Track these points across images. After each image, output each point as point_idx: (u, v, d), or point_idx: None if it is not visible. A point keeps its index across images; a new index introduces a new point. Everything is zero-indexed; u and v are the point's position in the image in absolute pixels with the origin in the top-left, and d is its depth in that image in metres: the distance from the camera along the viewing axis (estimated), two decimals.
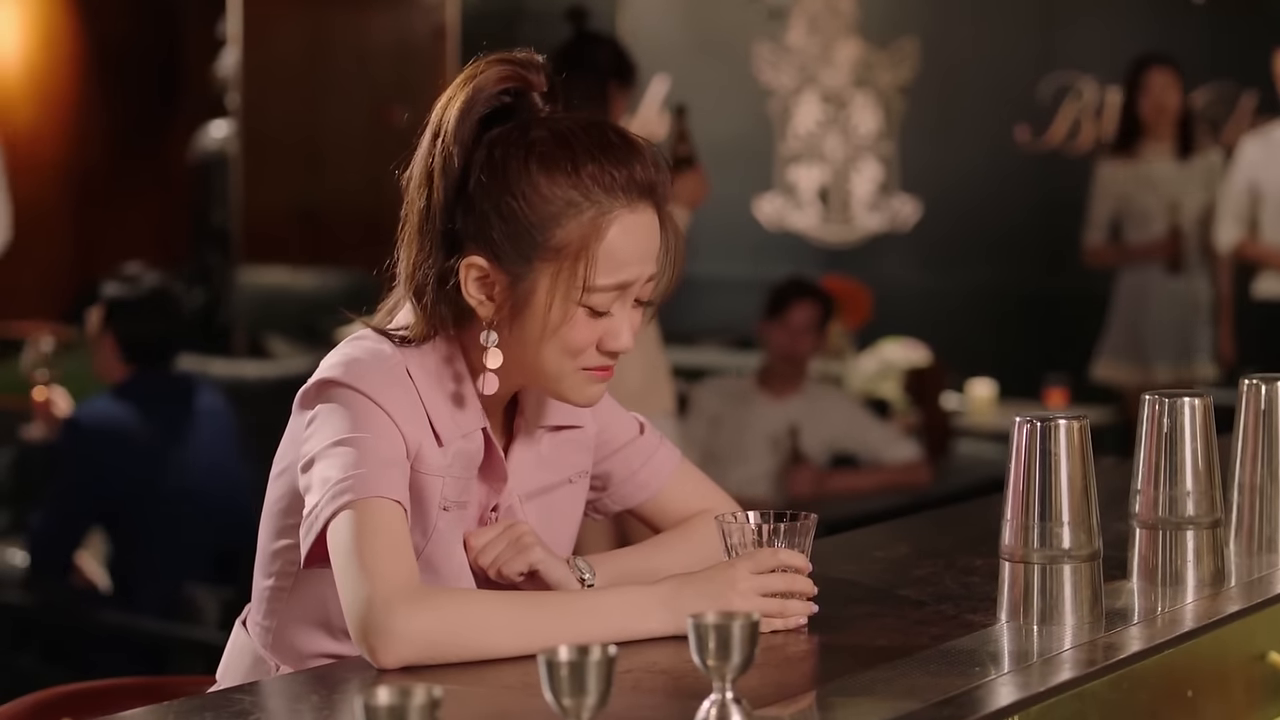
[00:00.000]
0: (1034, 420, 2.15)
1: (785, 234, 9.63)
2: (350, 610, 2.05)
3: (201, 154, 9.31)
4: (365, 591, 2.04)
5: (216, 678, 2.34)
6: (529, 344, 2.20)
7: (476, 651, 2.04)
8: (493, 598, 2.12)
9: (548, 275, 2.17)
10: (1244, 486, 2.57)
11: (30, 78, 9.37)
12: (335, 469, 2.11)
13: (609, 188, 2.17)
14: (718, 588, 2.13)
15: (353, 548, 2.07)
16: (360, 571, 2.05)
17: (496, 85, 2.21)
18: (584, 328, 2.19)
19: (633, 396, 5.10)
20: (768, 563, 2.18)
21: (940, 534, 2.85)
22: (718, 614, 1.72)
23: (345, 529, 2.08)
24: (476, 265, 2.18)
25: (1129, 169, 7.25)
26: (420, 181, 2.22)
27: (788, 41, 9.62)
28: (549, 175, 2.16)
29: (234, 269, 8.96)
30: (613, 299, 2.19)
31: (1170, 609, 2.30)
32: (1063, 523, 2.14)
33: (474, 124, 2.20)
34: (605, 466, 2.42)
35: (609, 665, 1.60)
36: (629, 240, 2.18)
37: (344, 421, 2.14)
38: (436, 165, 2.20)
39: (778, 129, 9.63)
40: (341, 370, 2.18)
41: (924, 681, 1.96)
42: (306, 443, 2.17)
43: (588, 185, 2.17)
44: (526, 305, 2.18)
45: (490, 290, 2.19)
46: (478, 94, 2.20)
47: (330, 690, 2.00)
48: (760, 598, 2.15)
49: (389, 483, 2.11)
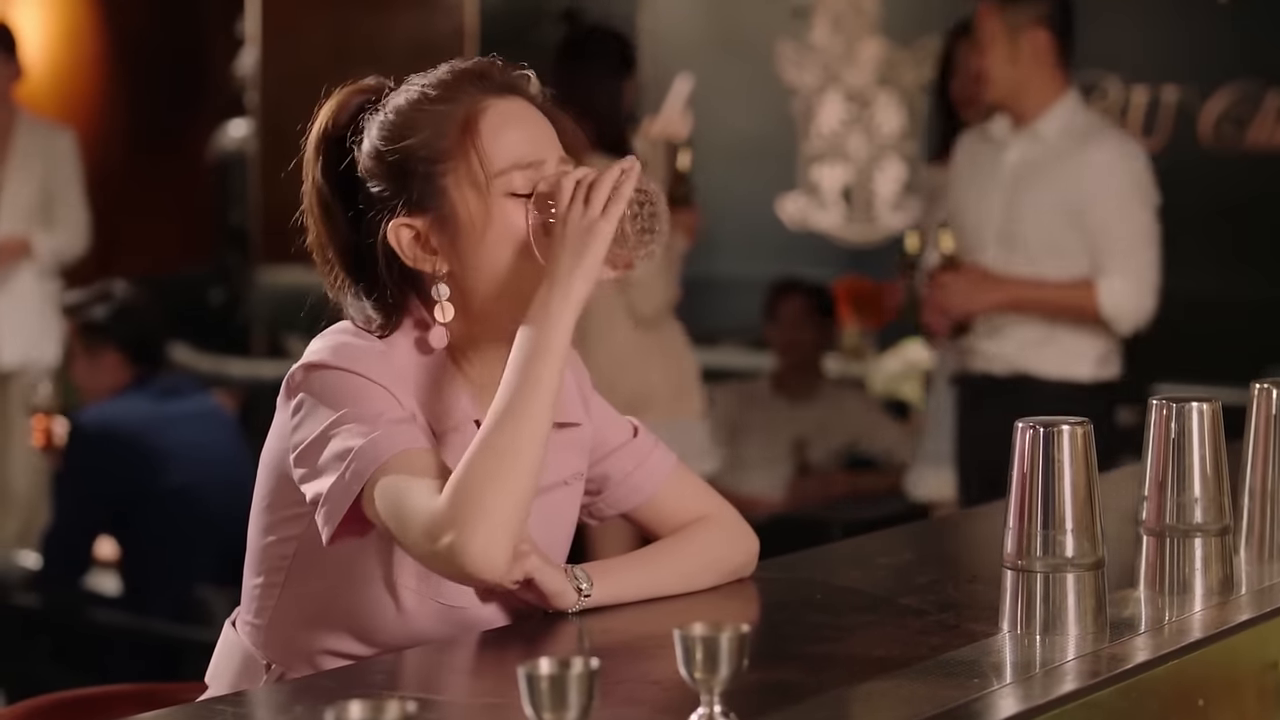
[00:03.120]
0: (1036, 426, 2.11)
1: (808, 234, 9.58)
2: (432, 563, 2.06)
3: (220, 153, 9.31)
4: (421, 530, 2.04)
5: (206, 681, 2.31)
6: (481, 263, 2.20)
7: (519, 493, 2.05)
8: (482, 450, 2.07)
9: (457, 187, 2.20)
10: (1254, 492, 2.52)
11: (53, 76, 9.38)
12: (349, 441, 2.11)
13: (472, 85, 2.23)
14: (574, 238, 2.12)
15: (400, 506, 2.06)
16: (415, 520, 2.05)
17: (346, 103, 2.27)
18: (516, 212, 2.20)
19: (662, 403, 5.07)
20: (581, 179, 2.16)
21: (946, 540, 2.82)
22: (705, 626, 1.68)
23: (388, 494, 2.08)
24: (401, 225, 2.21)
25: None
26: (313, 205, 2.27)
27: (811, 40, 9.58)
28: (415, 106, 2.23)
29: (253, 269, 8.97)
30: (527, 178, 2.20)
31: (1178, 618, 2.26)
32: (1066, 530, 2.10)
33: (342, 130, 2.25)
34: (600, 469, 2.39)
35: (590, 679, 1.57)
36: (511, 120, 2.22)
37: (339, 400, 2.14)
38: (323, 176, 2.25)
39: (801, 128, 9.59)
40: (328, 353, 2.18)
41: (922, 693, 1.93)
42: (297, 431, 2.15)
43: (451, 95, 2.22)
44: (456, 227, 2.20)
45: (426, 243, 2.21)
46: (331, 118, 2.27)
47: (315, 700, 1.96)
48: (615, 204, 2.13)
49: (406, 436, 2.11)
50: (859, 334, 7.79)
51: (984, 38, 4.90)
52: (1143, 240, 4.85)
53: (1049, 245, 4.84)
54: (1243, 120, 8.31)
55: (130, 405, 5.05)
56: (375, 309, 2.24)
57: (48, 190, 6.96)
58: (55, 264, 6.97)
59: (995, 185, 4.92)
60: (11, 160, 6.90)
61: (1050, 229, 4.84)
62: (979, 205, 4.97)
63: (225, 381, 7.62)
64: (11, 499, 6.81)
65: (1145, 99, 7.42)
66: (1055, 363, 4.84)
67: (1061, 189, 4.83)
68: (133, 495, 4.98)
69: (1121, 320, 4.82)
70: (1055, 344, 4.84)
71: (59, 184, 6.97)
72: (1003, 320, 4.87)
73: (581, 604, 2.25)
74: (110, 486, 4.99)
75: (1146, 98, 7.34)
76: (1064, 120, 4.88)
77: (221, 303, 9.20)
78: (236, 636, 2.30)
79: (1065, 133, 4.87)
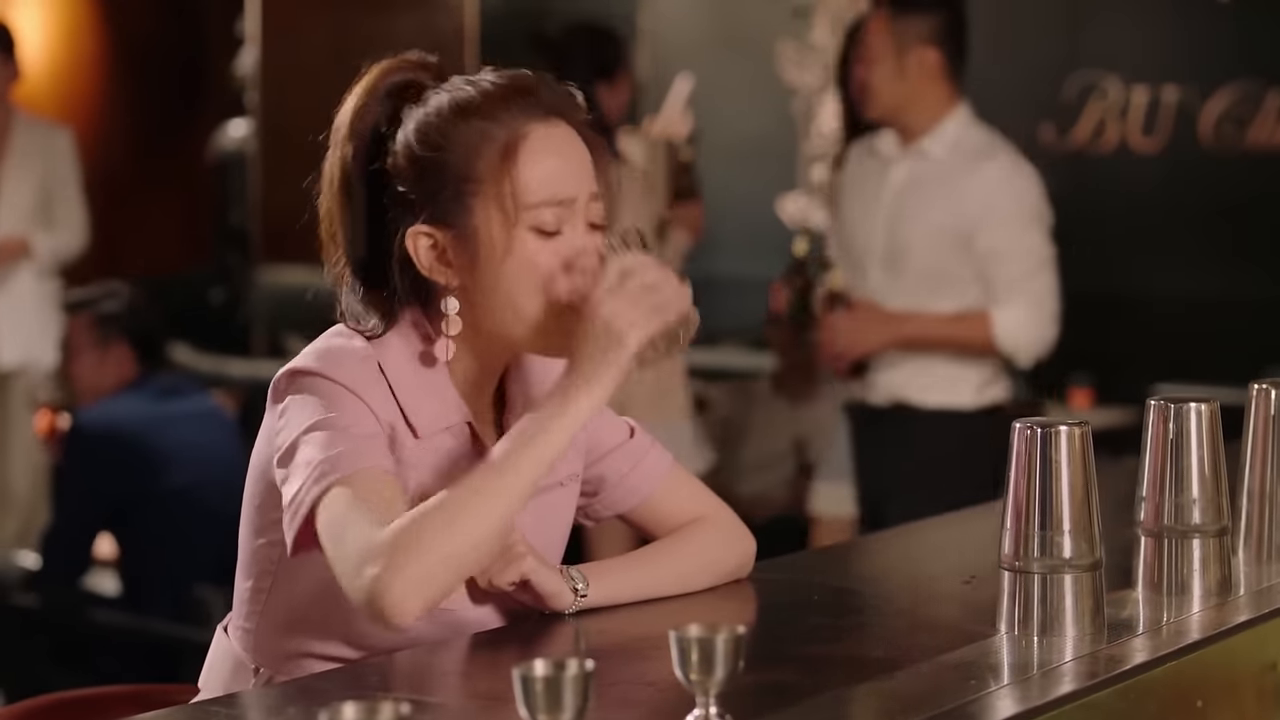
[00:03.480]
0: (1034, 426, 2.10)
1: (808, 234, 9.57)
2: (350, 589, 2.01)
3: (220, 153, 9.30)
4: (353, 563, 2.00)
5: (199, 685, 2.30)
6: (495, 289, 2.17)
7: (468, 559, 2.02)
8: (446, 502, 2.04)
9: (483, 209, 2.16)
10: (1253, 493, 2.51)
11: (52, 76, 9.37)
12: (315, 451, 2.09)
13: (517, 109, 2.18)
14: (604, 339, 2.09)
15: (343, 526, 2.03)
16: (351, 547, 2.01)
17: (384, 80, 2.23)
18: (538, 250, 2.16)
19: (646, 403, 5.06)
20: (624, 273, 2.13)
21: (944, 541, 2.81)
22: (701, 627, 1.67)
23: (333, 508, 2.05)
24: (421, 233, 2.18)
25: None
26: (331, 184, 2.23)
27: (812, 40, 9.56)
28: (458, 115, 2.18)
29: (253, 269, 8.95)
30: (555, 215, 2.17)
31: (1175, 619, 2.25)
32: (1063, 531, 2.09)
33: (375, 117, 2.21)
34: (596, 470, 2.37)
35: (585, 681, 1.56)
36: (549, 152, 2.18)
37: (316, 407, 2.13)
38: (346, 164, 2.21)
39: (801, 128, 9.57)
40: (312, 359, 2.17)
41: (919, 695, 1.92)
42: (280, 434, 2.14)
43: (495, 112, 2.17)
44: (476, 247, 2.17)
45: (442, 254, 2.18)
46: (369, 94, 2.23)
47: (309, 702, 1.95)
48: (650, 317, 2.11)
49: (370, 454, 2.09)
50: None
51: (871, 51, 4.72)
52: (1036, 265, 4.66)
53: (935, 271, 4.62)
54: (1243, 120, 8.29)
55: (131, 405, 5.05)
56: (375, 307, 2.22)
57: (46, 190, 6.95)
58: (54, 264, 6.96)
59: (879, 205, 4.71)
60: (10, 160, 6.90)
61: (936, 253, 4.61)
62: (863, 224, 4.77)
63: (225, 382, 7.61)
64: (11, 499, 6.81)
65: (1145, 99, 7.40)
66: (935, 392, 4.64)
67: (948, 210, 4.60)
68: (133, 495, 4.97)
69: (1020, 353, 4.63)
70: (933, 373, 4.64)
71: (57, 184, 6.97)
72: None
73: (577, 605, 2.24)
74: (110, 485, 4.98)
75: (1146, 98, 7.32)
76: (952, 138, 4.65)
77: (221, 303, 9.19)
78: (228, 641, 2.29)
79: (954, 151, 4.65)
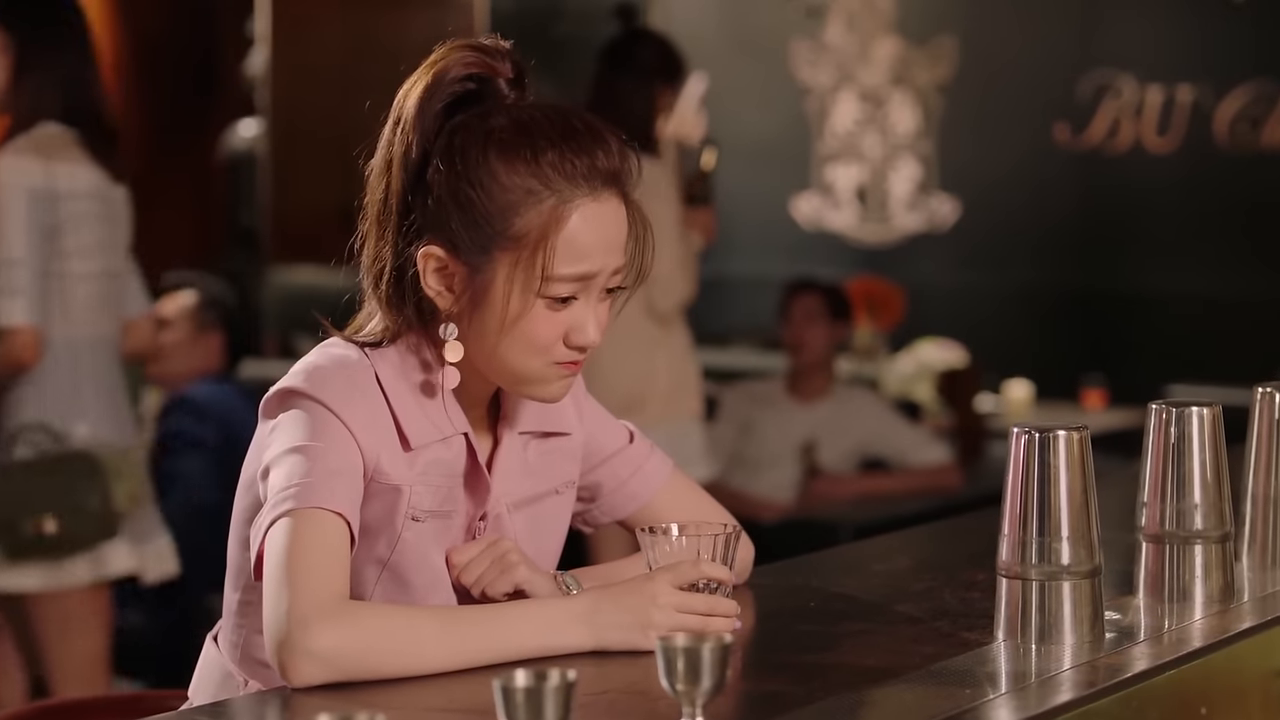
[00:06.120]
0: (1032, 431, 2.07)
1: (822, 234, 9.54)
2: (267, 624, 1.98)
3: (231, 153, 9.30)
4: (284, 606, 1.97)
5: (189, 694, 2.28)
6: (489, 337, 2.13)
7: (389, 671, 1.97)
8: (411, 615, 2.03)
9: (506, 265, 2.10)
10: (1257, 498, 2.48)
11: None
12: (283, 477, 2.05)
13: (570, 176, 2.10)
14: (638, 602, 2.05)
15: (283, 559, 2.00)
16: (283, 585, 1.98)
17: (459, 70, 2.15)
18: (545, 321, 2.12)
19: (660, 400, 5.05)
20: (689, 576, 2.08)
21: (943, 547, 2.78)
22: (688, 636, 1.65)
23: (280, 539, 2.02)
24: (435, 255, 2.12)
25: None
26: (380, 170, 2.17)
27: (825, 39, 9.55)
28: (508, 163, 2.10)
29: (263, 269, 8.95)
30: (574, 290, 2.12)
31: (1177, 626, 2.22)
32: (1061, 538, 2.07)
33: (436, 111, 2.13)
34: (594, 476, 2.34)
35: (567, 692, 1.54)
36: (591, 230, 2.11)
37: (299, 430, 2.09)
38: (396, 153, 2.15)
39: (815, 128, 9.56)
40: (302, 378, 2.13)
41: (915, 703, 1.89)
42: (266, 451, 2.11)
43: (547, 174, 2.10)
44: (485, 297, 2.12)
45: (449, 281, 2.13)
46: (439, 80, 2.14)
47: (293, 712, 1.93)
48: (681, 615, 2.05)
49: (332, 494, 2.04)
50: (872, 334, 7.76)
51: None
52: None
53: None
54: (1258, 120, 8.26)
55: (220, 394, 5.02)
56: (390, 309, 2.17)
57: None
58: None
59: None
60: None
61: None
62: None
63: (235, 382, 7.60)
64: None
65: (1160, 99, 7.38)
66: None
67: None
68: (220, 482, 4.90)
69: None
70: None
71: None
72: None
73: None
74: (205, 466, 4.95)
75: (1161, 97, 7.30)
76: None
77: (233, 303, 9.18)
78: (217, 652, 2.26)
79: None
